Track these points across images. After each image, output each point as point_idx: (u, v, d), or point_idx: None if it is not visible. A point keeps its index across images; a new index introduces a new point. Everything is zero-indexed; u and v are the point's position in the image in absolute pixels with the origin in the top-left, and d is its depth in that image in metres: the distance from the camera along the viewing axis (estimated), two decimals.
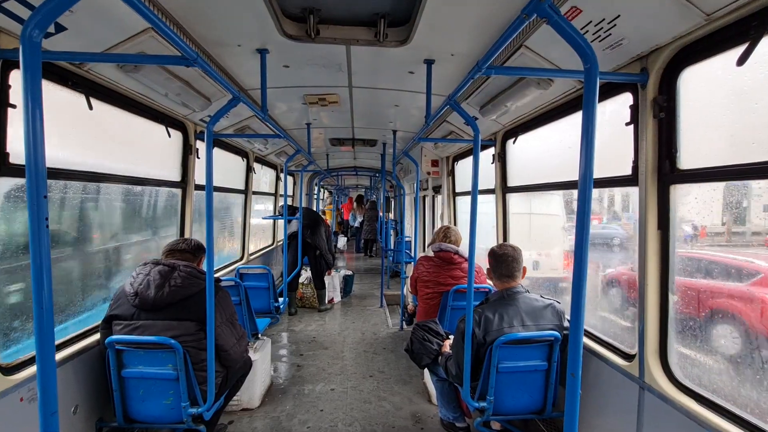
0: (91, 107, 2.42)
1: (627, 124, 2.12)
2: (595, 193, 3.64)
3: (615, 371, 2.25)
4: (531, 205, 4.41)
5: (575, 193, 2.01)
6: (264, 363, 3.77)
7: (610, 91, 2.27)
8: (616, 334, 2.52)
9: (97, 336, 2.55)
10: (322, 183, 11.79)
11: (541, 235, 4.62)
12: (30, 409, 1.97)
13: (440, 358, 2.92)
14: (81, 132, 2.65)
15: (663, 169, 1.95)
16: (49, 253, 1.18)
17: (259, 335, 3.92)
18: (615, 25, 1.78)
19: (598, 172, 2.36)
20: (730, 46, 1.60)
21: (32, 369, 2.00)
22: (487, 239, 4.19)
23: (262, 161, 6.45)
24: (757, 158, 1.55)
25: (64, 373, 2.29)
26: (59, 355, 2.27)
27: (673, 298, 1.98)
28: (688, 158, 1.88)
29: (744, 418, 1.62)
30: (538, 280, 4.42)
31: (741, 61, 1.51)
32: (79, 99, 2.37)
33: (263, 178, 7.17)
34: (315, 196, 10.23)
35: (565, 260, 4.29)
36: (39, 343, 1.18)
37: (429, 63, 2.72)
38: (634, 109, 2.08)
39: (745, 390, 1.93)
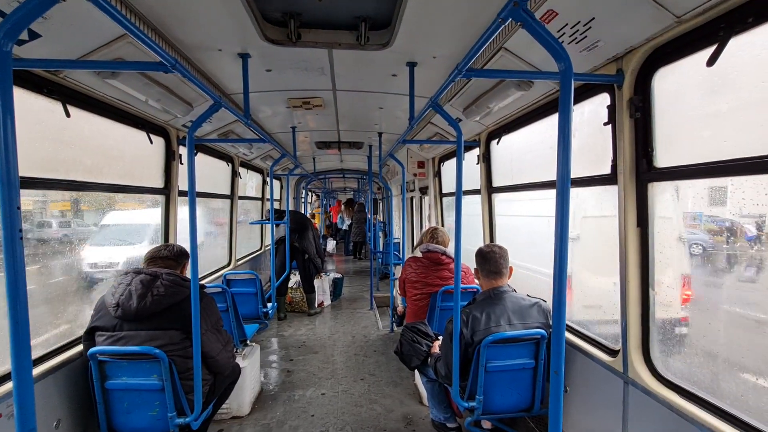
0: (68, 115, 2.38)
1: (605, 124, 2.16)
2: None
3: (600, 367, 2.29)
4: None
5: (681, 184, 1.95)
6: (253, 369, 3.73)
7: (588, 91, 2.31)
8: None
9: (79, 347, 2.49)
10: (309, 186, 11.74)
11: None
12: (9, 425, 1.91)
13: (429, 359, 2.93)
14: (58, 140, 2.59)
15: (640, 167, 1.99)
16: (24, 265, 1.15)
17: (248, 341, 3.88)
18: (590, 27, 1.81)
19: (584, 171, 2.40)
20: (701, 47, 1.65)
21: (10, 384, 1.94)
22: (478, 241, 4.20)
23: (248, 165, 6.40)
24: (730, 156, 1.60)
25: (46, 387, 2.22)
26: (40, 369, 2.21)
27: (653, 294, 2.02)
28: (663, 156, 1.93)
29: (723, 409, 1.66)
30: None
31: (711, 61, 1.55)
32: (55, 106, 2.32)
33: (249, 182, 7.11)
34: (302, 200, 10.17)
35: (685, 291, 2.37)
36: (15, 358, 1.15)
37: (411, 65, 2.73)
38: (611, 109, 2.12)
39: None
